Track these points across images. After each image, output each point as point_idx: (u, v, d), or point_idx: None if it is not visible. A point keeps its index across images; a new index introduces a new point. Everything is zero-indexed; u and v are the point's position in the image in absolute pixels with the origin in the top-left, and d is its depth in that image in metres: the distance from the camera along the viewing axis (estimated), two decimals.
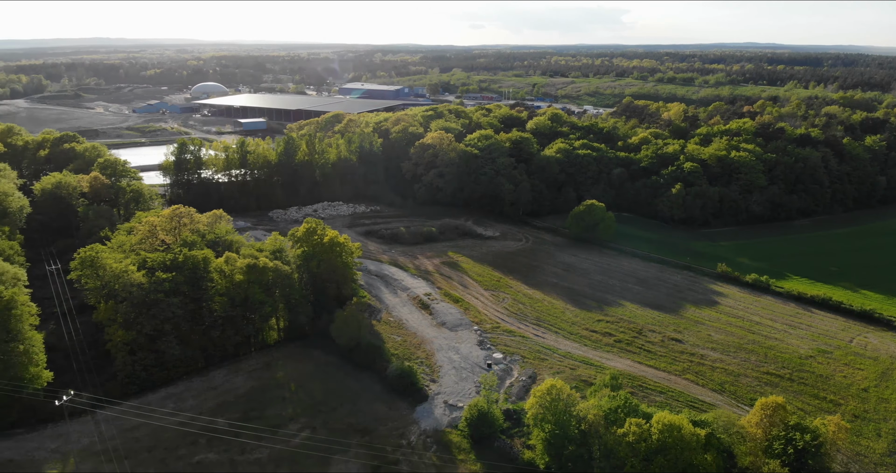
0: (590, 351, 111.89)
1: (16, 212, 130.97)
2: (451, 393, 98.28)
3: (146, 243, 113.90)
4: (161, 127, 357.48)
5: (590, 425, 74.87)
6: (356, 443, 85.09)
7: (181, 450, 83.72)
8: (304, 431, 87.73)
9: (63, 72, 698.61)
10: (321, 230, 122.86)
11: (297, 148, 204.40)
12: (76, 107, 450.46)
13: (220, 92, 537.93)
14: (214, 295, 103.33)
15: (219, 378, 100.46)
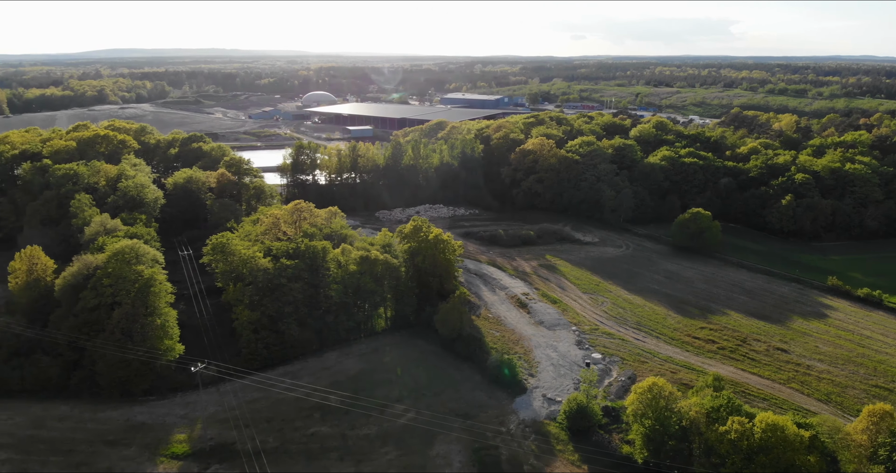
0: (692, 357, 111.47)
1: (151, 203, 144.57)
2: (549, 388, 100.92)
3: (270, 234, 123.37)
4: (275, 132, 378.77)
5: (691, 421, 75.75)
6: (458, 427, 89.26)
7: (297, 422, 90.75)
8: (410, 412, 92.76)
9: (184, 79, 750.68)
10: (426, 228, 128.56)
11: (404, 152, 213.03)
12: (197, 111, 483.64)
13: (328, 101, 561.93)
14: (331, 283, 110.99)
15: (331, 359, 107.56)
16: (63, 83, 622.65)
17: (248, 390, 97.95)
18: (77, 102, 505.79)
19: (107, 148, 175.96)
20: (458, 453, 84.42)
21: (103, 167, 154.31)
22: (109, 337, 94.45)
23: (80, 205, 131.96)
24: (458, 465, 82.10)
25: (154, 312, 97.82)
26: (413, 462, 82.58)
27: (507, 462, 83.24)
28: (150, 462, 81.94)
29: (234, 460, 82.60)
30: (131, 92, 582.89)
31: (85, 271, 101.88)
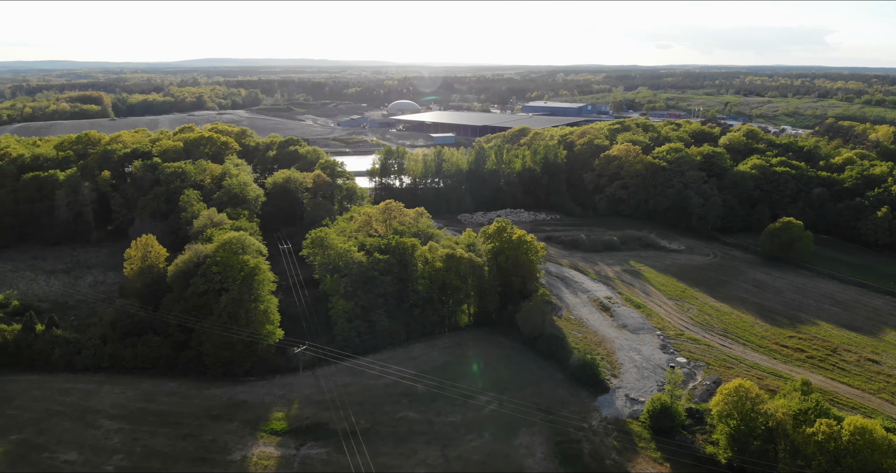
0: (779, 364, 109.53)
1: (253, 200, 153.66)
2: (631, 388, 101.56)
3: (362, 230, 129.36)
4: (362, 139, 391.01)
5: (777, 423, 75.28)
6: (540, 420, 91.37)
7: (386, 407, 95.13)
8: (493, 404, 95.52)
9: (276, 88, 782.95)
10: (510, 229, 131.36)
11: (486, 157, 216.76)
12: (289, 118, 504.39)
13: (412, 109, 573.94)
14: (418, 278, 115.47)
15: (417, 350, 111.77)
16: (164, 89, 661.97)
17: (341, 374, 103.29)
18: (177, 108, 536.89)
19: (211, 149, 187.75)
20: (540, 444, 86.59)
21: (209, 166, 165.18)
22: (216, 320, 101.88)
23: (189, 200, 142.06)
24: (541, 455, 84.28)
25: (258, 298, 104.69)
26: (497, 449, 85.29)
27: (589, 455, 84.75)
28: (251, 437, 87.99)
29: (328, 438, 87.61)
30: (227, 99, 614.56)
31: (195, 259, 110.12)
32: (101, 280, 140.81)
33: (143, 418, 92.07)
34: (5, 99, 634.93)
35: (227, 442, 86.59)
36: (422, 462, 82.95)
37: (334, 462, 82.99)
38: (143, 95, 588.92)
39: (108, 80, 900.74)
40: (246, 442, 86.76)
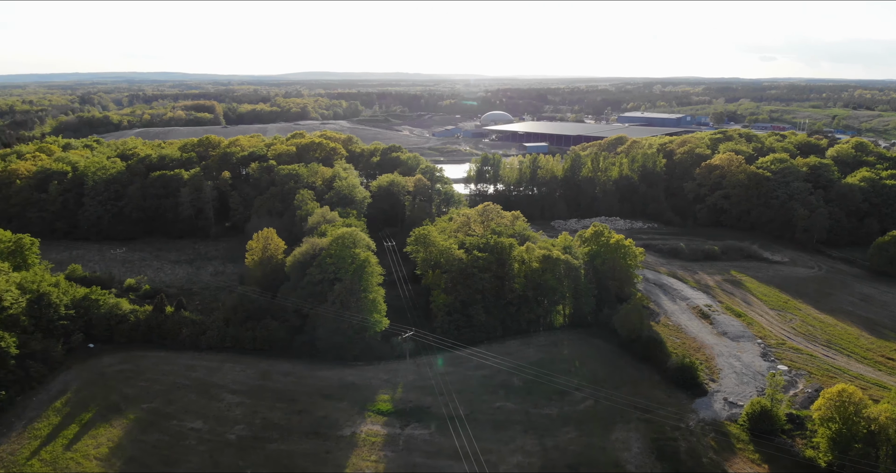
0: (884, 376, 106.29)
1: (360, 201, 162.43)
2: (730, 393, 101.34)
3: (461, 231, 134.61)
4: (456, 148, 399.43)
5: (880, 426, 74.36)
6: (636, 418, 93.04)
7: (484, 396, 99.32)
8: (588, 400, 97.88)
9: (374, 100, 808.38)
10: (607, 233, 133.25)
11: (582, 165, 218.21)
12: (387, 129, 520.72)
13: (505, 120, 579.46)
14: (515, 277, 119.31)
15: (513, 346, 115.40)
16: (270, 100, 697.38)
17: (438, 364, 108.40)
18: (283, 117, 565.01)
19: (320, 153, 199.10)
20: (636, 440, 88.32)
21: (320, 169, 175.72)
22: (330, 307, 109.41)
23: (304, 199, 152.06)
24: (637, 450, 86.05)
25: (367, 289, 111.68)
26: (593, 442, 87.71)
27: (686, 453, 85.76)
28: (360, 415, 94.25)
29: (430, 421, 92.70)
30: (329, 110, 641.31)
31: (311, 251, 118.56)
32: (221, 270, 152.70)
33: (261, 394, 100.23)
34: (123, 106, 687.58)
35: (338, 419, 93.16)
36: (519, 448, 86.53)
37: (436, 442, 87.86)
38: (252, 105, 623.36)
39: (218, 91, 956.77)
40: (355, 420, 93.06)
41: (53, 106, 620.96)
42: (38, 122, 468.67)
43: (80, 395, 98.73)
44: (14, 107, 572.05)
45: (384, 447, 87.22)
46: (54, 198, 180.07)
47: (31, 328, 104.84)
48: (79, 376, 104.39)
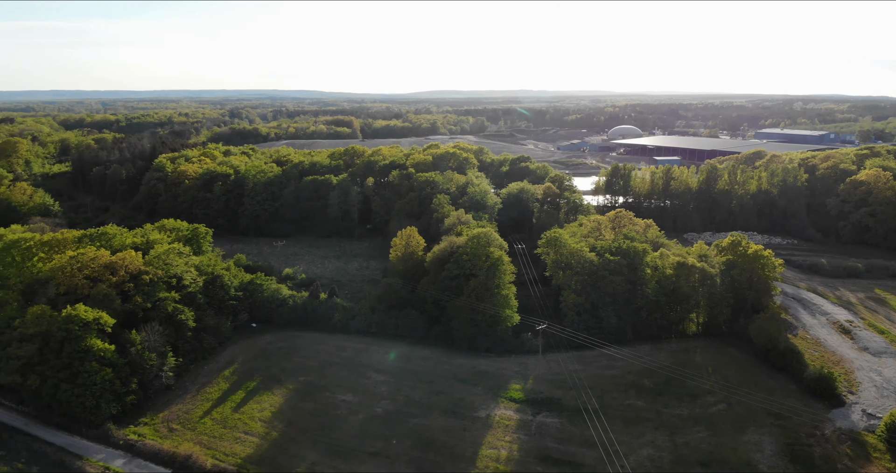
0: None
1: (491, 206, 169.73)
2: (869, 405, 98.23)
3: (591, 236, 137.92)
4: (582, 161, 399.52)
5: None
6: (770, 423, 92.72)
7: (614, 394, 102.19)
8: (721, 404, 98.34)
9: (500, 115, 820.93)
10: (745, 243, 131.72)
11: (718, 177, 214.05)
12: (512, 143, 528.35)
13: (634, 134, 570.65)
14: (648, 282, 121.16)
15: (644, 350, 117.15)
16: (402, 116, 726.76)
17: (570, 361, 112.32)
18: (414, 132, 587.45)
19: (454, 163, 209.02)
20: (769, 443, 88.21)
21: (454, 176, 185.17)
22: (465, 300, 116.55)
23: (441, 203, 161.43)
24: (770, 452, 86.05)
25: (500, 285, 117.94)
26: (724, 442, 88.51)
27: (820, 458, 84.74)
28: (493, 400, 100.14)
29: (560, 411, 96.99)
30: (457, 125, 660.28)
31: (449, 249, 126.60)
32: (365, 265, 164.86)
33: (403, 374, 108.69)
34: (268, 120, 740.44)
35: (474, 402, 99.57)
36: (650, 442, 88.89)
37: (567, 430, 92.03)
38: (386, 121, 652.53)
39: (353, 108, 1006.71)
40: (489, 404, 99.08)
41: (207, 118, 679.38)
42: (194, 133, 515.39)
43: (246, 366, 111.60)
44: (172, 119, 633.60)
45: (517, 430, 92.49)
46: (218, 197, 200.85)
47: (206, 306, 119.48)
48: (244, 350, 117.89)
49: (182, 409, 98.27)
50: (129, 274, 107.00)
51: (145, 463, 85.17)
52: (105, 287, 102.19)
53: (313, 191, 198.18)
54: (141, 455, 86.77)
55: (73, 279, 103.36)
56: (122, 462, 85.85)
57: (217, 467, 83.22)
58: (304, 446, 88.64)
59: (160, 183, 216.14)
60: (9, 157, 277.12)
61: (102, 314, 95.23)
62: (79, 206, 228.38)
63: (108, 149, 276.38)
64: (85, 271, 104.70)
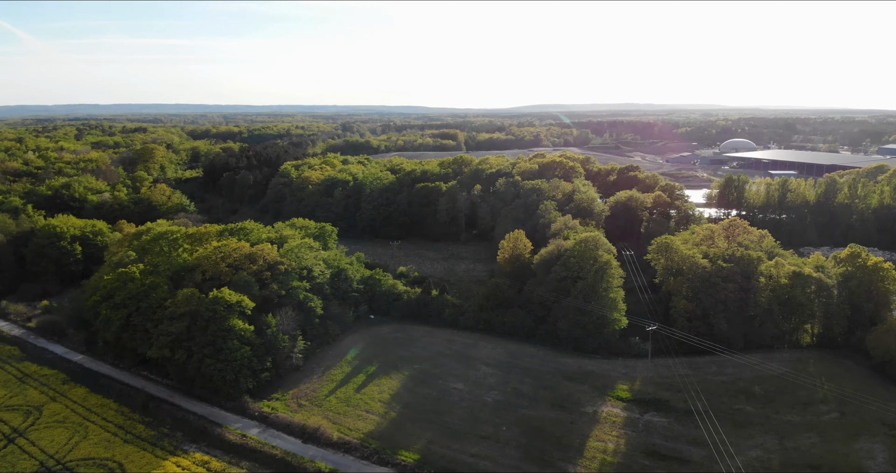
0: None
1: (598, 213, 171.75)
2: None
3: (703, 244, 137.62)
4: (692, 174, 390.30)
5: None
6: (884, 433, 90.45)
7: (723, 398, 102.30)
8: (833, 413, 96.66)
9: (605, 128, 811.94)
10: (864, 254, 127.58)
11: (838, 190, 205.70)
12: (618, 155, 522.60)
13: (747, 147, 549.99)
14: (761, 291, 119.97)
15: (755, 358, 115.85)
16: (505, 129, 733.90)
17: (678, 366, 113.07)
18: (517, 145, 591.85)
19: (560, 171, 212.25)
20: (881, 452, 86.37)
21: (561, 184, 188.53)
22: (572, 301, 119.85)
23: (547, 209, 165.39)
24: (882, 459, 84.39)
25: (608, 288, 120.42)
26: (835, 449, 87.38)
27: None
28: (600, 398, 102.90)
29: (667, 412, 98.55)
30: (560, 138, 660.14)
31: (556, 251, 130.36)
32: (471, 268, 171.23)
33: (511, 368, 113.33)
34: (377, 134, 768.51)
35: (580, 398, 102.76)
36: (759, 445, 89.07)
37: (675, 429, 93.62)
38: (489, 134, 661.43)
39: (456, 122, 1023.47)
40: (596, 401, 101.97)
41: (322, 131, 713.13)
42: (310, 144, 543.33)
43: (366, 352, 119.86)
44: (290, 131, 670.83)
45: (624, 426, 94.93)
46: (338, 202, 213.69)
47: (331, 296, 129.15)
48: (363, 338, 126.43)
49: (309, 388, 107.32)
50: (267, 264, 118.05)
51: (278, 433, 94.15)
52: (245, 274, 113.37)
53: (424, 197, 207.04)
54: (274, 425, 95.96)
55: (217, 266, 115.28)
56: (257, 431, 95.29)
57: (342, 439, 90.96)
58: (419, 426, 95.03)
59: (285, 187, 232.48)
60: (146, 162, 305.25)
61: (244, 297, 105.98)
62: (210, 208, 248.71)
63: (237, 157, 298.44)
64: (228, 260, 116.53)
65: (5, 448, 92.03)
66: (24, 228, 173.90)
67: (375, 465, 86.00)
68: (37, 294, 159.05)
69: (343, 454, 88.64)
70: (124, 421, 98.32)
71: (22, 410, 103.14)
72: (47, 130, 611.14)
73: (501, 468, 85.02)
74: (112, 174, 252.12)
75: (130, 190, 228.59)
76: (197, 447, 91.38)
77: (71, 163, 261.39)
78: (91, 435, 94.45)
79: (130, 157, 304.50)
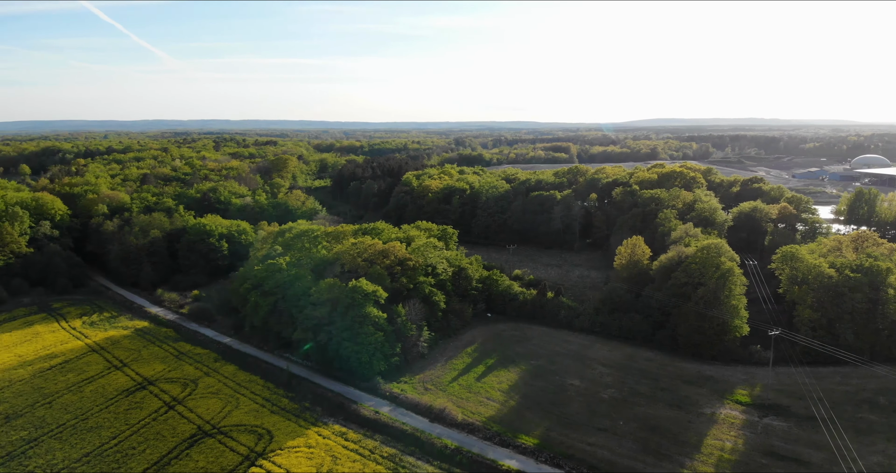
0: None
1: (720, 223, 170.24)
2: None
3: (831, 254, 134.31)
4: (820, 190, 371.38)
5: None
6: None
7: (846, 406, 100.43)
8: None
9: (727, 142, 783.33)
10: None
11: None
12: (740, 169, 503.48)
13: (881, 164, 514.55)
14: (890, 303, 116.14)
15: (881, 370, 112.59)
16: (620, 143, 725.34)
17: (800, 375, 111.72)
18: (632, 158, 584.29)
19: (680, 181, 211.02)
20: None
21: (681, 193, 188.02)
22: (693, 307, 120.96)
23: (667, 217, 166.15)
24: None
25: (730, 295, 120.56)
26: None
27: None
28: (719, 401, 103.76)
29: (787, 417, 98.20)
30: (678, 151, 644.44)
31: (677, 258, 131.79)
32: (586, 275, 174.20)
33: (627, 369, 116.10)
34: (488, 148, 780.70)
35: (698, 400, 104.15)
36: (881, 451, 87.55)
37: (794, 433, 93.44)
38: (602, 147, 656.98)
39: (568, 136, 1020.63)
40: (714, 404, 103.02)
41: (436, 146, 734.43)
42: (426, 157, 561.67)
43: (485, 346, 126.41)
44: (407, 146, 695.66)
45: (742, 428, 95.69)
46: (455, 209, 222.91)
47: (453, 292, 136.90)
48: (482, 333, 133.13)
49: (434, 374, 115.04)
50: (397, 260, 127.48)
51: (406, 412, 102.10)
52: (379, 268, 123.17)
53: (538, 205, 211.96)
54: (403, 404, 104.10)
55: (354, 260, 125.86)
56: (388, 409, 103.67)
57: (466, 421, 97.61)
58: (538, 415, 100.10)
59: (407, 195, 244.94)
60: (280, 171, 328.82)
61: (378, 288, 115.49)
62: (338, 214, 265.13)
63: (362, 167, 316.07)
64: (363, 255, 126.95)
65: (167, 413, 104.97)
66: (176, 226, 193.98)
67: (497, 446, 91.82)
68: (187, 285, 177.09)
69: (467, 434, 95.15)
70: (270, 395, 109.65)
71: (180, 382, 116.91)
72: (187, 141, 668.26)
73: (619, 457, 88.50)
74: (251, 180, 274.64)
75: (269, 195, 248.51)
76: (335, 420, 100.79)
77: (214, 170, 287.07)
78: (242, 406, 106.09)
79: (266, 167, 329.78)
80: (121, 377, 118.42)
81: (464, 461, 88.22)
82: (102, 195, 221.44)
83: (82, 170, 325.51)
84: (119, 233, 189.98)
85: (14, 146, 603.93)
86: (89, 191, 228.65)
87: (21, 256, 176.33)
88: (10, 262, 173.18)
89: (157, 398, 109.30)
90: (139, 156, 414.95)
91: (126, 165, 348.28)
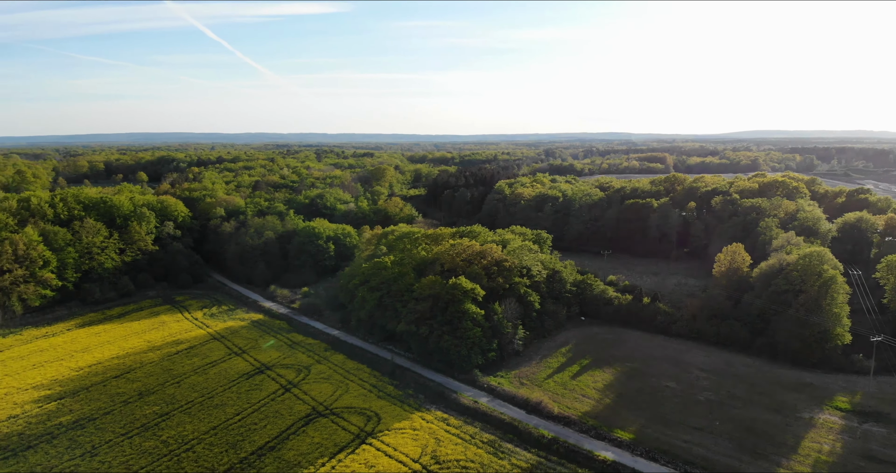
0: None
1: (824, 234, 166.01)
2: None
3: None
4: None
5: None
6: None
7: None
8: None
9: (833, 154, 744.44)
10: None
11: None
12: (847, 182, 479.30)
13: None
14: None
15: None
16: (718, 154, 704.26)
17: None
18: (731, 169, 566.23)
19: (782, 191, 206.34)
20: None
21: (783, 203, 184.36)
22: (793, 314, 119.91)
23: (768, 226, 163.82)
24: None
25: (832, 303, 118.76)
26: None
27: None
28: (818, 407, 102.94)
29: (887, 423, 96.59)
30: (780, 163, 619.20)
31: (777, 265, 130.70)
32: (683, 282, 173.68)
33: (724, 374, 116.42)
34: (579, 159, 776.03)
35: (797, 405, 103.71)
36: None
37: (894, 439, 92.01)
38: (700, 158, 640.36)
39: (663, 147, 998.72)
40: (812, 409, 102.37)
41: (526, 156, 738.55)
42: (516, 168, 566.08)
43: (579, 348, 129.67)
44: (497, 157, 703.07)
45: (841, 433, 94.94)
46: (548, 216, 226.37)
47: (547, 294, 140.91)
48: (576, 335, 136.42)
49: (529, 371, 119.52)
50: (494, 261, 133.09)
51: (503, 403, 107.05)
52: (477, 268, 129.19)
53: (633, 213, 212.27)
54: (500, 396, 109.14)
55: (454, 260, 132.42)
56: (486, 399, 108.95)
57: (562, 414, 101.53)
58: (633, 412, 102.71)
59: (499, 203, 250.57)
60: (378, 180, 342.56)
61: (476, 286, 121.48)
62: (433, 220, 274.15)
63: (456, 177, 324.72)
64: (462, 255, 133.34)
65: (283, 395, 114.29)
66: (287, 229, 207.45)
67: (593, 439, 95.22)
68: (297, 282, 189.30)
69: (563, 426, 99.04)
70: (377, 382, 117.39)
71: (294, 368, 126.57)
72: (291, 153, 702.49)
73: (715, 454, 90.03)
74: (353, 188, 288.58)
75: (370, 202, 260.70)
76: (436, 407, 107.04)
77: (319, 179, 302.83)
78: (351, 390, 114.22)
79: (365, 176, 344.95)
80: (240, 362, 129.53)
81: (560, 450, 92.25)
82: (219, 199, 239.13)
83: (198, 176, 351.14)
84: (236, 233, 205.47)
85: (131, 155, 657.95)
86: (207, 195, 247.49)
87: (147, 253, 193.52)
88: (138, 258, 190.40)
89: (275, 381, 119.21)
90: (248, 164, 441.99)
91: (238, 173, 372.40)
